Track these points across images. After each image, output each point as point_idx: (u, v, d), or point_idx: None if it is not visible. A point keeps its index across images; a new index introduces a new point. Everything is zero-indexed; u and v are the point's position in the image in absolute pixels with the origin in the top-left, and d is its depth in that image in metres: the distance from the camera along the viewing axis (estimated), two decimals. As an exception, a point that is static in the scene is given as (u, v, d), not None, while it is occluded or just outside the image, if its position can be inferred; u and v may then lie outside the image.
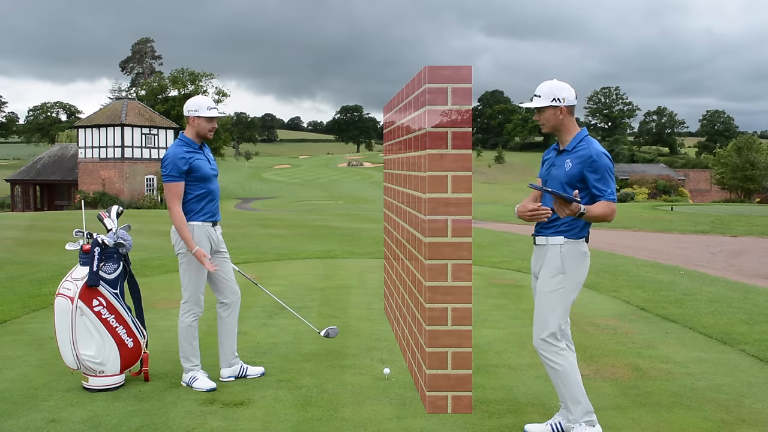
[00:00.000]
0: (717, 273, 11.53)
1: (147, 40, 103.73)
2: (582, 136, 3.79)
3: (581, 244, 3.79)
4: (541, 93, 3.78)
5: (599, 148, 3.72)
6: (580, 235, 3.78)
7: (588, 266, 3.86)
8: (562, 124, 3.80)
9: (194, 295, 4.86)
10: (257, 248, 14.33)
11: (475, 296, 5.92)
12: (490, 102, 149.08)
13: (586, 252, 3.82)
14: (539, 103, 3.78)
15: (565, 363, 3.75)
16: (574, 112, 3.83)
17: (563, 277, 3.79)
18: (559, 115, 3.77)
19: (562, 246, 3.79)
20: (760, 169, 57.54)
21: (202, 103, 4.86)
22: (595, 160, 3.68)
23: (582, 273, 3.82)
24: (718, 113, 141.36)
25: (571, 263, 3.78)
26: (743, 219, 24.10)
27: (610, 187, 3.67)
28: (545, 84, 3.80)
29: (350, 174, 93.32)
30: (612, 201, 3.67)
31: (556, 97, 3.75)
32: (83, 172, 48.35)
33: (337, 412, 4.35)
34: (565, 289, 3.79)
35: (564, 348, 3.78)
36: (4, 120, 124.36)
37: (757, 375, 5.17)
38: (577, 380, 3.76)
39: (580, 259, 3.79)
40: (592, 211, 3.64)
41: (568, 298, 3.80)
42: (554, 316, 3.78)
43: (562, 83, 3.81)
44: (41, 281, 9.46)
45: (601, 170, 3.68)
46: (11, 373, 5.15)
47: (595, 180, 3.69)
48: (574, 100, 3.80)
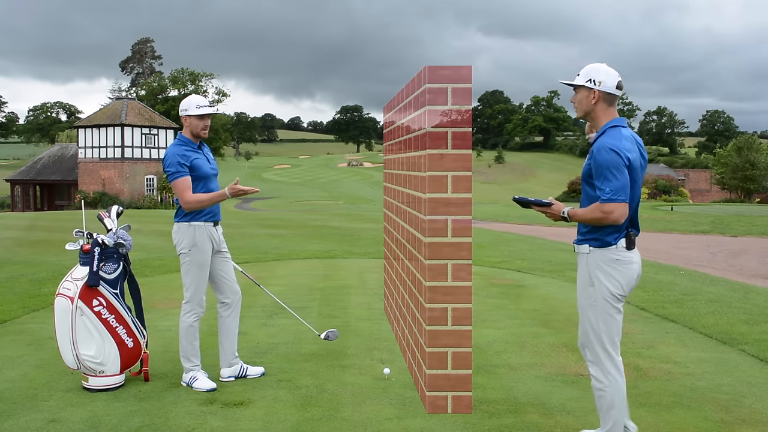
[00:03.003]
0: (717, 273, 11.53)
1: (147, 40, 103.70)
2: (606, 127, 3.48)
3: (611, 251, 3.45)
4: (581, 73, 3.54)
5: (608, 141, 3.38)
6: (607, 241, 3.45)
7: (625, 275, 3.47)
8: (594, 111, 3.52)
9: (196, 295, 4.85)
10: (257, 248, 14.33)
11: (475, 296, 5.91)
12: (490, 102, 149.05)
13: (617, 259, 3.45)
14: (576, 81, 3.53)
15: (608, 387, 3.52)
16: (613, 101, 3.51)
17: (593, 290, 3.51)
18: (592, 98, 3.49)
19: (588, 255, 3.52)
20: (760, 169, 57.53)
21: (192, 102, 4.86)
22: (595, 154, 3.41)
23: (615, 284, 3.46)
24: (718, 113, 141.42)
25: (600, 274, 3.47)
26: (743, 219, 24.09)
27: (607, 185, 3.33)
28: (589, 65, 3.55)
29: (350, 174, 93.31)
30: (606, 201, 3.33)
31: (591, 78, 3.48)
32: (83, 172, 48.34)
33: (337, 412, 4.35)
34: (598, 304, 3.49)
35: (614, 365, 3.52)
36: (4, 120, 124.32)
37: (757, 375, 5.17)
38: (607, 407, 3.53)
39: (611, 268, 3.46)
40: (577, 215, 3.48)
41: (606, 311, 3.48)
42: (595, 332, 3.52)
43: (607, 68, 3.51)
44: (41, 281, 9.46)
45: (600, 166, 3.36)
46: (11, 373, 5.15)
47: (595, 177, 3.41)
48: (614, 88, 3.47)
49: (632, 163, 3.38)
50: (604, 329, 3.50)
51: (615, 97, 3.52)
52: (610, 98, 3.51)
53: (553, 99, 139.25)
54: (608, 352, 3.52)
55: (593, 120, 3.56)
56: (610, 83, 3.47)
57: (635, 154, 3.42)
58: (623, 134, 3.43)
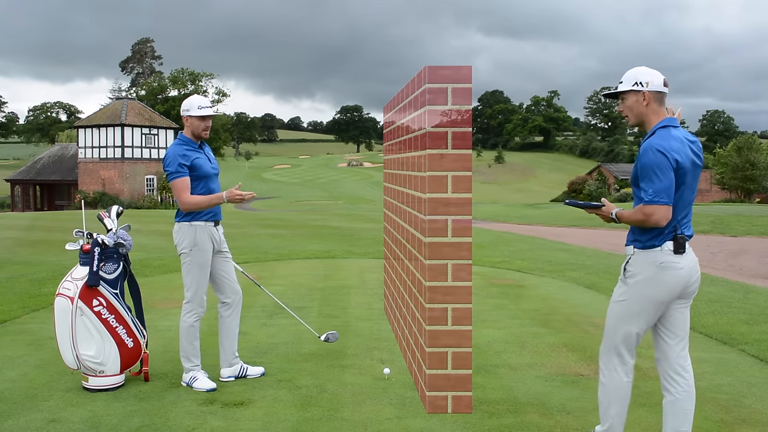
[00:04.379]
0: (717, 273, 11.53)
1: (147, 40, 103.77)
2: (655, 128, 3.38)
3: (655, 254, 3.35)
4: (624, 79, 3.46)
5: (655, 141, 3.29)
6: (650, 244, 3.35)
7: (666, 282, 3.34)
8: (646, 114, 3.42)
9: (197, 296, 4.85)
10: (257, 248, 14.33)
11: (475, 296, 5.92)
12: (490, 102, 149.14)
13: (661, 263, 3.33)
14: (621, 88, 3.45)
15: (608, 381, 3.53)
16: (662, 100, 3.43)
17: (626, 288, 3.44)
18: (643, 101, 3.40)
19: (632, 256, 3.43)
20: (760, 169, 57.47)
21: (194, 102, 4.87)
22: (640, 156, 3.32)
23: (652, 288, 3.36)
24: (718, 113, 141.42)
25: (638, 275, 3.39)
26: (743, 219, 24.08)
27: (651, 187, 3.24)
28: (630, 70, 3.46)
29: (350, 174, 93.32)
30: (648, 203, 3.24)
31: (638, 81, 3.40)
32: (83, 172, 48.35)
33: (337, 412, 4.35)
34: (627, 302, 3.43)
35: (623, 365, 3.50)
36: (4, 120, 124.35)
37: (757, 375, 5.17)
38: (610, 402, 3.52)
39: (651, 271, 3.35)
40: (623, 217, 3.42)
41: (631, 311, 3.42)
42: (614, 328, 3.49)
43: (650, 69, 3.43)
44: (41, 281, 9.46)
45: (644, 167, 3.27)
46: (11, 373, 5.15)
47: (640, 178, 3.32)
48: (662, 86, 3.40)
49: (681, 165, 3.29)
50: (624, 328, 3.46)
51: (664, 95, 3.45)
52: (660, 97, 3.43)
53: (553, 99, 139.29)
54: (620, 351, 3.50)
55: (645, 123, 3.46)
56: (657, 81, 3.40)
57: (684, 154, 3.31)
58: (672, 134, 3.34)
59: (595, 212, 3.60)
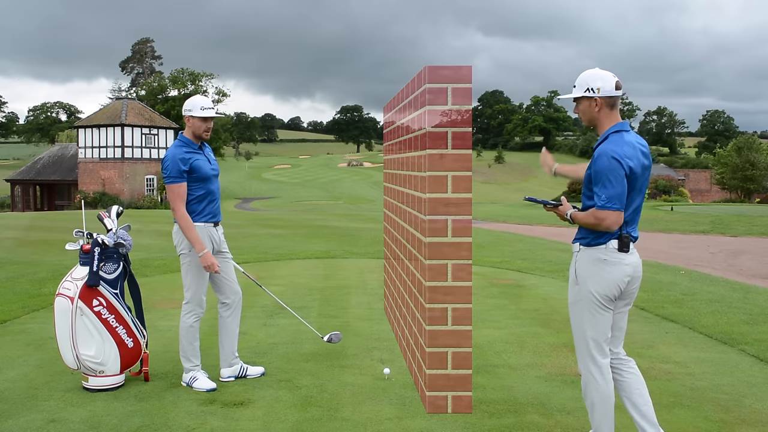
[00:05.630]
0: (717, 273, 11.53)
1: (147, 40, 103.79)
2: (608, 133, 3.44)
3: (599, 251, 3.43)
4: (576, 84, 3.50)
5: (609, 147, 3.35)
6: (595, 242, 3.43)
7: (612, 276, 3.42)
8: (597, 118, 3.48)
9: (196, 296, 4.85)
10: (257, 248, 14.32)
11: (475, 296, 5.92)
12: (490, 102, 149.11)
13: (605, 259, 3.42)
14: (574, 93, 3.50)
15: (586, 385, 3.55)
16: (615, 104, 3.47)
17: (578, 288, 3.52)
18: (595, 107, 3.45)
19: (578, 254, 3.53)
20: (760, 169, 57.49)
21: (197, 102, 4.86)
22: (595, 160, 3.39)
23: (600, 283, 3.43)
24: (718, 113, 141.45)
25: (585, 272, 3.48)
26: (743, 219, 24.09)
27: (604, 192, 3.31)
28: (582, 74, 3.51)
29: (350, 174, 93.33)
30: (600, 208, 3.32)
31: (590, 87, 3.44)
32: (83, 172, 48.35)
33: (337, 412, 4.35)
34: (582, 302, 3.50)
35: (596, 366, 3.50)
36: (4, 120, 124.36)
37: (757, 375, 5.17)
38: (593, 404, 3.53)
39: (597, 267, 3.44)
40: (577, 218, 3.46)
41: (588, 311, 3.48)
42: (579, 331, 3.54)
43: (602, 72, 3.46)
44: (41, 281, 9.46)
45: (598, 172, 3.34)
46: (11, 373, 5.15)
47: (594, 183, 3.39)
48: (614, 90, 3.43)
49: (633, 171, 3.35)
50: (588, 329, 3.50)
51: (616, 98, 3.48)
52: (612, 101, 3.47)
53: (553, 99, 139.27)
54: (591, 353, 3.51)
55: (598, 127, 3.51)
56: (608, 87, 3.43)
57: (636, 160, 3.37)
58: (625, 140, 3.39)
59: (553, 210, 3.65)
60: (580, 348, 3.56)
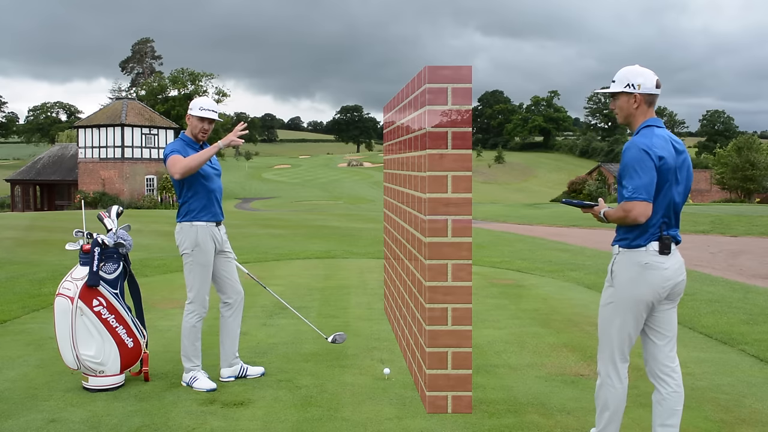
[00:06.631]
0: (717, 273, 11.53)
1: (147, 40, 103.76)
2: (640, 127, 3.40)
3: (639, 254, 3.34)
4: (616, 78, 3.46)
5: (637, 139, 3.32)
6: (635, 244, 3.34)
7: (650, 281, 3.33)
8: (634, 115, 3.43)
9: (199, 296, 4.85)
10: (257, 248, 14.32)
11: (475, 296, 5.92)
12: (490, 102, 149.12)
13: (646, 263, 3.33)
14: (613, 88, 3.46)
15: (603, 386, 3.52)
16: (653, 102, 3.44)
17: (613, 290, 3.44)
18: (633, 103, 3.41)
19: (617, 256, 3.44)
20: (760, 169, 57.46)
21: (198, 103, 4.89)
22: (623, 154, 3.35)
23: (637, 288, 3.35)
24: (717, 113, 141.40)
25: (622, 276, 3.39)
26: (743, 219, 24.08)
27: (631, 183, 3.25)
28: (622, 69, 3.46)
29: (350, 174, 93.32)
30: (627, 200, 3.26)
31: (630, 82, 3.40)
32: (83, 172, 48.34)
33: (337, 412, 4.35)
34: (615, 305, 3.42)
35: (615, 370, 3.48)
36: (4, 120, 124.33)
37: (757, 375, 5.17)
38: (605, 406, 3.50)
39: (635, 271, 3.35)
40: (609, 215, 3.41)
41: (620, 314, 3.41)
42: (605, 332, 3.49)
43: (642, 69, 3.43)
44: (41, 281, 9.46)
45: (626, 164, 3.30)
46: (11, 373, 5.15)
47: (622, 175, 3.34)
48: (654, 88, 3.39)
49: (665, 162, 3.28)
50: (616, 334, 3.45)
51: (655, 96, 3.44)
52: (651, 98, 3.43)
53: (553, 99, 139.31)
54: (613, 356, 3.48)
55: (632, 124, 3.46)
56: (648, 84, 3.39)
57: (667, 151, 3.30)
58: (656, 133, 3.35)
59: (589, 212, 3.63)
60: (604, 349, 3.52)
